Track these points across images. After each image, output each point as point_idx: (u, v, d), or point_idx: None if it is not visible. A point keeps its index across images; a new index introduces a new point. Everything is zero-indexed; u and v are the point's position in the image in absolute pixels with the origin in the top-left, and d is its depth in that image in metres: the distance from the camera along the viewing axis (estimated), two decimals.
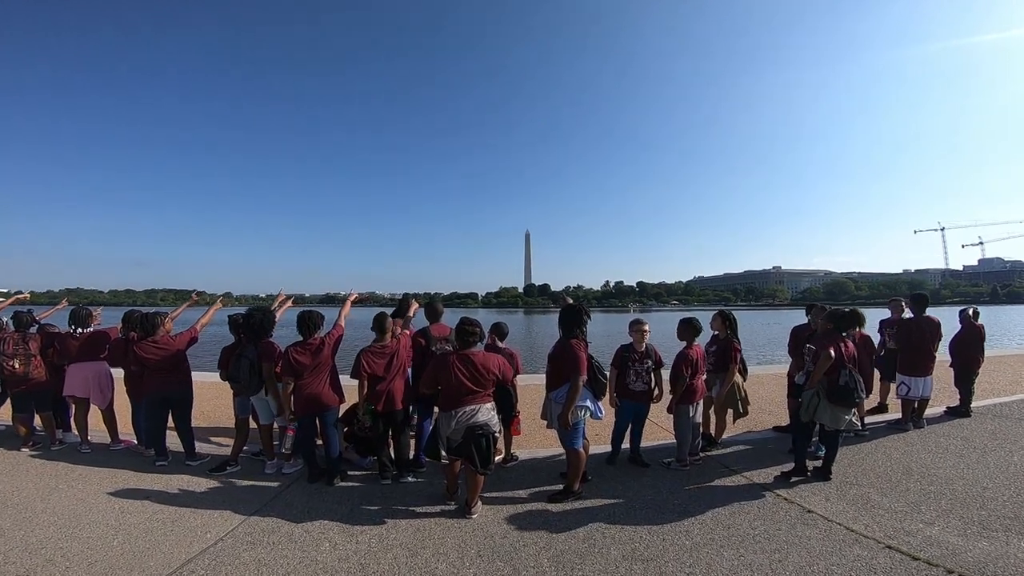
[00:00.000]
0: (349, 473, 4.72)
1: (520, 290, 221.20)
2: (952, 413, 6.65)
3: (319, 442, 4.68)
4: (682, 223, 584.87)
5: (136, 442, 5.52)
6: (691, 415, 4.80)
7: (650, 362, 4.84)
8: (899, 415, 6.29)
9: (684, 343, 4.91)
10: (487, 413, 3.95)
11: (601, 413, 4.27)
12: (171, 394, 4.99)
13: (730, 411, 5.47)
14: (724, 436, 5.62)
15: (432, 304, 5.19)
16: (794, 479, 4.50)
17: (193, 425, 5.25)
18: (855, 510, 3.96)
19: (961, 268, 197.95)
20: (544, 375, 4.50)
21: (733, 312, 5.62)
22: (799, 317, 6.29)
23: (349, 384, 4.65)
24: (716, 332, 5.47)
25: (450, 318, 5.12)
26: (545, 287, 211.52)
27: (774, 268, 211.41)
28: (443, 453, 4.04)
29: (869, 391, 5.89)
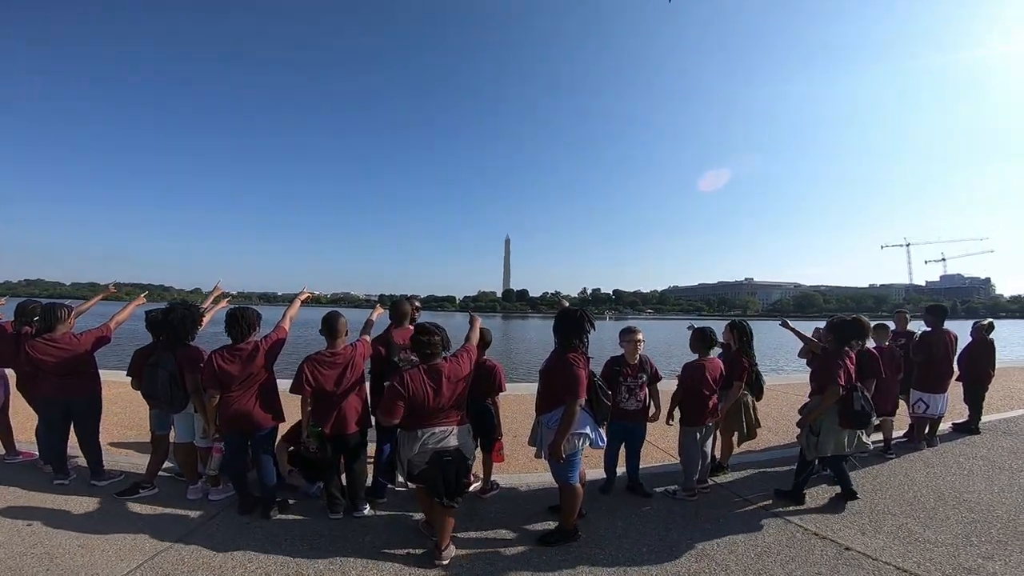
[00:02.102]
0: (292, 503, 3.87)
1: (499, 295, 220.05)
2: (960, 430, 6.25)
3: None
4: (658, 234, 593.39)
5: (38, 455, 4.57)
6: (698, 438, 4.14)
7: (645, 377, 4.15)
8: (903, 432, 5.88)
9: (696, 356, 4.25)
10: (461, 436, 3.21)
11: (603, 441, 3.50)
12: (72, 402, 4.07)
13: (736, 433, 4.80)
14: (729, 459, 4.92)
15: (398, 304, 4.29)
16: (791, 507, 4.02)
17: (114, 439, 4.35)
18: (899, 545, 3.39)
19: (924, 284, 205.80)
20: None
21: (747, 323, 4.81)
22: (769, 328, 5.60)
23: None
24: (727, 343, 4.75)
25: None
26: (524, 292, 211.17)
27: (746, 280, 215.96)
28: (399, 479, 3.23)
29: (894, 410, 5.36)
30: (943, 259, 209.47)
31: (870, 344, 4.98)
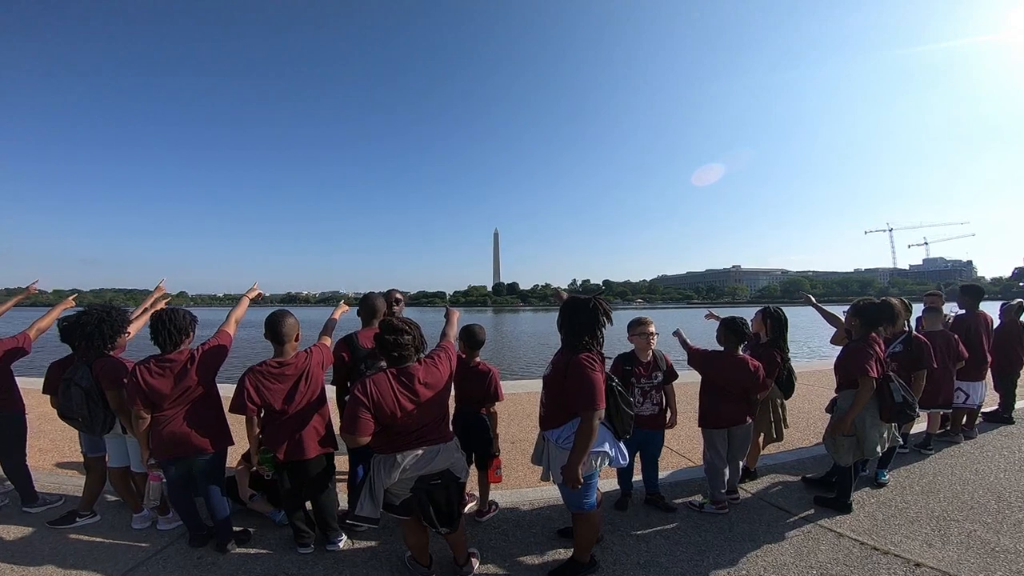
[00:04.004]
0: (252, 531, 3.25)
1: (489, 289, 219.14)
2: (992, 420, 5.78)
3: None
4: (646, 224, 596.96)
5: None
6: (718, 444, 3.59)
7: (660, 375, 3.58)
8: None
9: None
10: (448, 454, 2.62)
11: (624, 459, 2.84)
12: None
13: (762, 435, 4.23)
14: (757, 462, 4.36)
15: (368, 298, 3.57)
16: (837, 516, 3.51)
17: (65, 457, 4.07)
18: (975, 557, 2.91)
19: (907, 267, 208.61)
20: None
21: (781, 311, 4.11)
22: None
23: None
24: (756, 333, 4.13)
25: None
26: (514, 285, 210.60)
27: (733, 267, 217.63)
28: (359, 511, 2.58)
29: (948, 402, 4.83)
30: (925, 243, 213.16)
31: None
